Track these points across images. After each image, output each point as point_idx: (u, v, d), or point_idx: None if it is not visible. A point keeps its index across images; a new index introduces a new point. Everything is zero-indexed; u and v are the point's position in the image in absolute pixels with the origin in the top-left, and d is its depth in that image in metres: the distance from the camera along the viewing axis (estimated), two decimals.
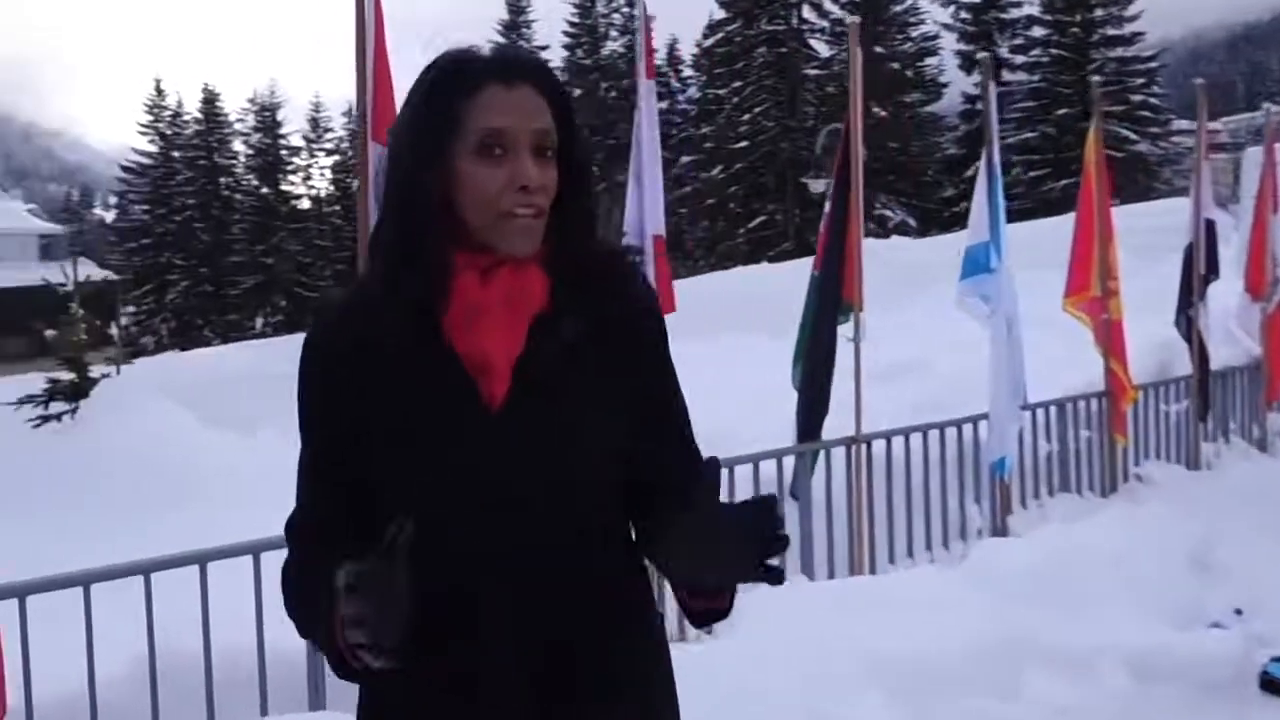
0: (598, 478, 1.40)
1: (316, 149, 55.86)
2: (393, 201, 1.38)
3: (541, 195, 1.35)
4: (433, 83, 1.37)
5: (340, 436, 1.39)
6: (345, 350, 1.38)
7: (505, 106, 1.34)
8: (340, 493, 1.40)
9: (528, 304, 1.37)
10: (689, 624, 1.46)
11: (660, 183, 4.18)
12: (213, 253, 50.69)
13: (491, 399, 1.35)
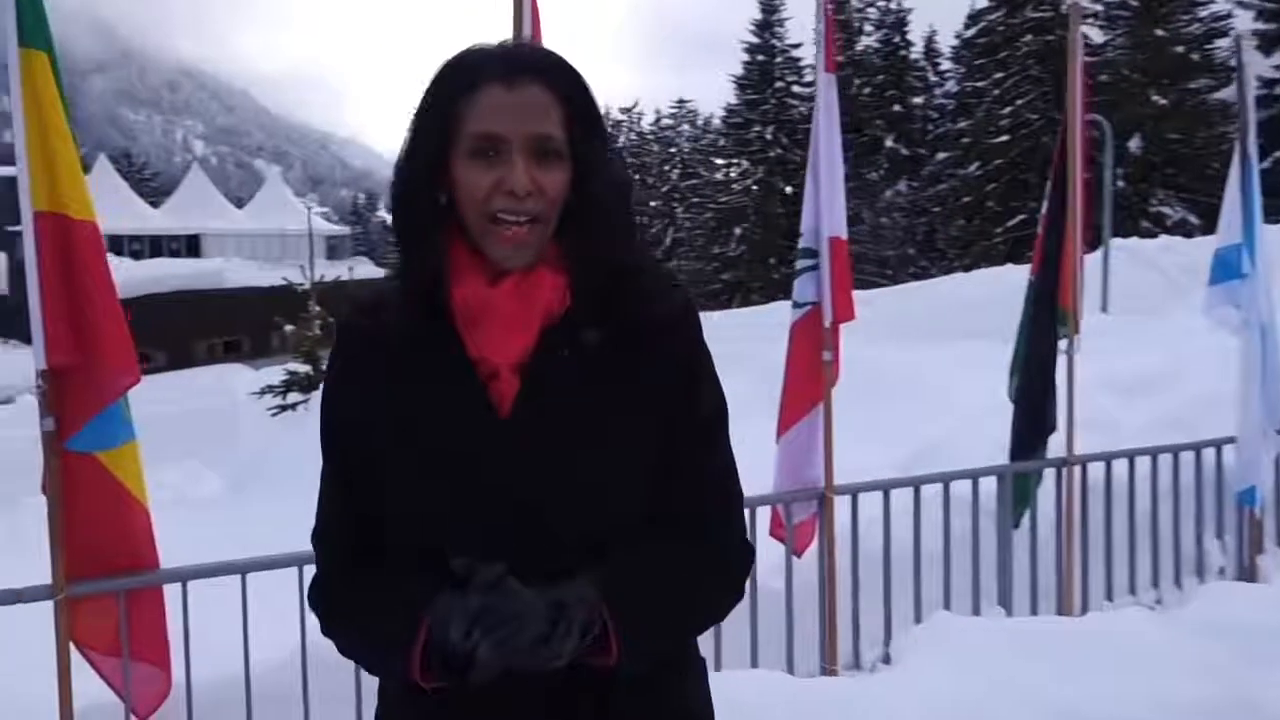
0: (609, 489, 1.32)
1: None
2: (398, 203, 1.36)
3: (534, 201, 1.29)
4: (435, 83, 1.34)
5: (353, 440, 1.36)
6: (358, 349, 1.38)
7: (500, 108, 1.29)
8: (355, 505, 1.37)
9: (538, 307, 1.31)
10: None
11: (840, 183, 3.94)
12: None
13: (500, 403, 1.31)
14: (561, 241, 1.33)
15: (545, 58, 1.35)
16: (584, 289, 1.32)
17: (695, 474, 1.39)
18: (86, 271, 2.67)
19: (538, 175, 1.29)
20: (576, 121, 1.32)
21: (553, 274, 1.32)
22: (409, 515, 1.32)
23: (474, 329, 1.32)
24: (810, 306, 3.92)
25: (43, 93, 2.63)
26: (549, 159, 1.30)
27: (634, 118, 57.72)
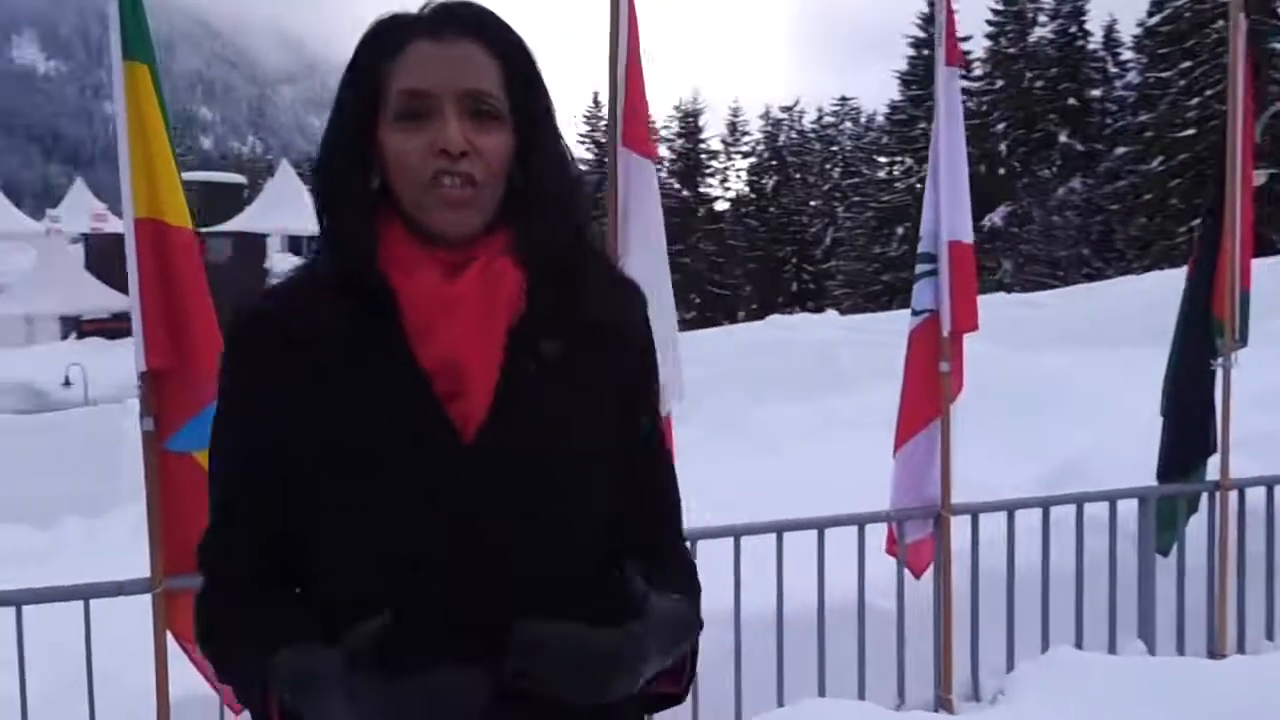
0: (577, 519, 1.20)
1: (734, 152, 57.79)
2: (321, 180, 1.22)
3: (471, 162, 1.14)
4: (360, 46, 1.21)
5: (263, 450, 1.18)
6: (275, 346, 1.18)
7: (428, 62, 1.16)
8: (256, 518, 1.21)
9: (505, 308, 1.16)
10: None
11: (963, 184, 3.70)
12: None
13: (464, 425, 1.15)
14: (512, 227, 1.18)
15: (479, 14, 1.20)
16: (542, 284, 1.18)
17: (663, 492, 1.32)
18: (183, 276, 2.75)
19: (474, 136, 1.15)
20: (517, 85, 1.18)
21: (513, 269, 1.17)
22: (356, 544, 1.15)
23: (432, 334, 1.14)
24: (928, 314, 3.71)
25: (144, 103, 2.72)
26: (486, 120, 1.16)
27: (795, 116, 57.01)
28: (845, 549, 3.75)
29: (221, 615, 1.22)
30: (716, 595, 3.60)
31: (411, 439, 1.14)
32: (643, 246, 3.22)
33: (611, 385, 1.23)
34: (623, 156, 3.19)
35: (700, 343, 12.74)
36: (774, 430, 8.50)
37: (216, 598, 1.23)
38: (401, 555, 1.14)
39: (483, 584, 1.15)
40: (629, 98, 3.18)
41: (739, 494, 6.11)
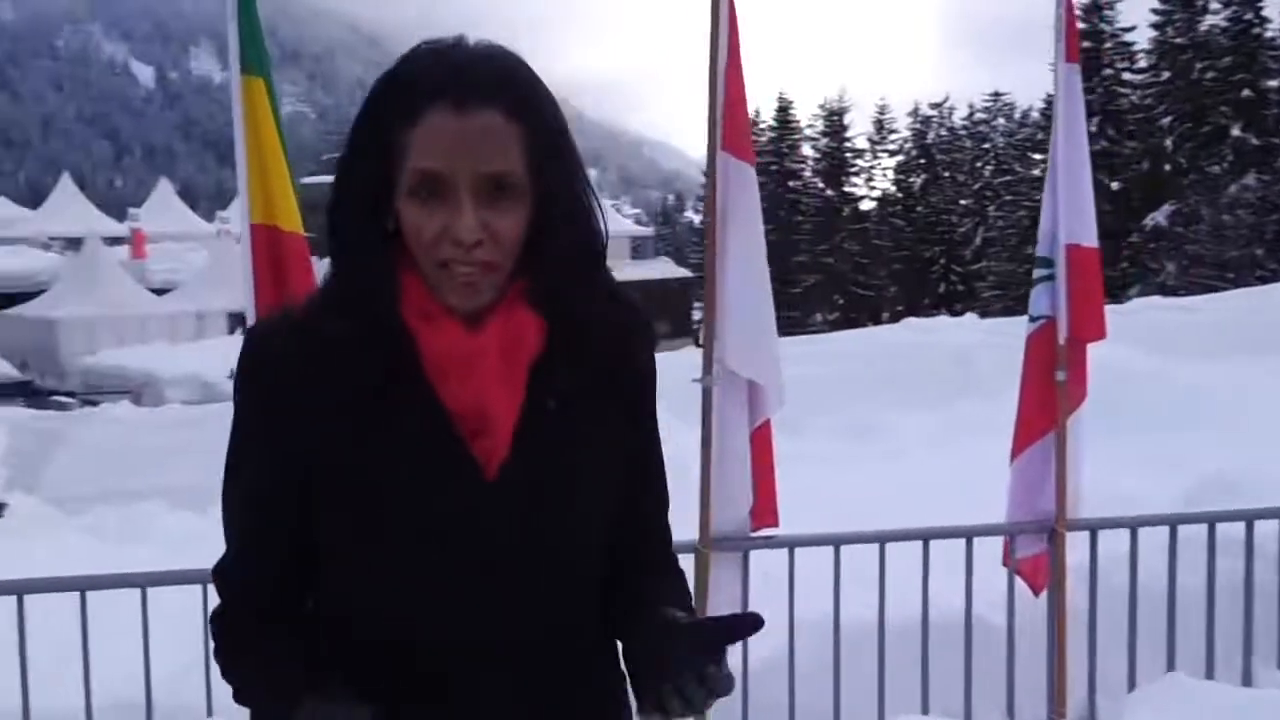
0: (590, 548, 1.25)
1: (880, 150, 56.70)
2: (335, 232, 1.20)
3: (485, 250, 1.13)
4: (372, 103, 1.17)
5: (281, 483, 1.21)
6: (291, 382, 1.19)
7: (446, 143, 1.11)
8: (276, 549, 1.24)
9: (524, 352, 1.19)
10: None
11: (1086, 185, 3.54)
12: (779, 252, 53.80)
13: (487, 463, 1.18)
14: (529, 279, 1.19)
15: (502, 73, 1.15)
16: (559, 329, 1.20)
17: (661, 507, 1.37)
18: (294, 279, 2.89)
19: (490, 218, 1.13)
20: (539, 148, 1.15)
21: (531, 318, 1.19)
22: (378, 579, 1.19)
23: (456, 379, 1.17)
24: (1044, 320, 3.57)
25: (260, 114, 2.87)
26: (504, 197, 1.13)
27: (944, 113, 55.53)
28: (954, 561, 3.65)
29: (238, 643, 1.26)
30: (815, 604, 3.55)
31: (437, 476, 1.18)
32: (741, 251, 3.20)
33: (618, 417, 1.28)
34: (721, 160, 3.18)
35: (831, 345, 12.55)
36: (903, 436, 8.31)
37: (233, 624, 1.27)
38: (425, 587, 1.18)
39: (500, 612, 1.20)
40: (728, 101, 3.17)
41: (860, 501, 6.01)
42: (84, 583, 2.95)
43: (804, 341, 13.66)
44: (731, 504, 3.28)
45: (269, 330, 1.24)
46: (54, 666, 3.00)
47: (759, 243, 3.25)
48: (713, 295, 3.22)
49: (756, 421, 3.29)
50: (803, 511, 5.05)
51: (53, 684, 3.02)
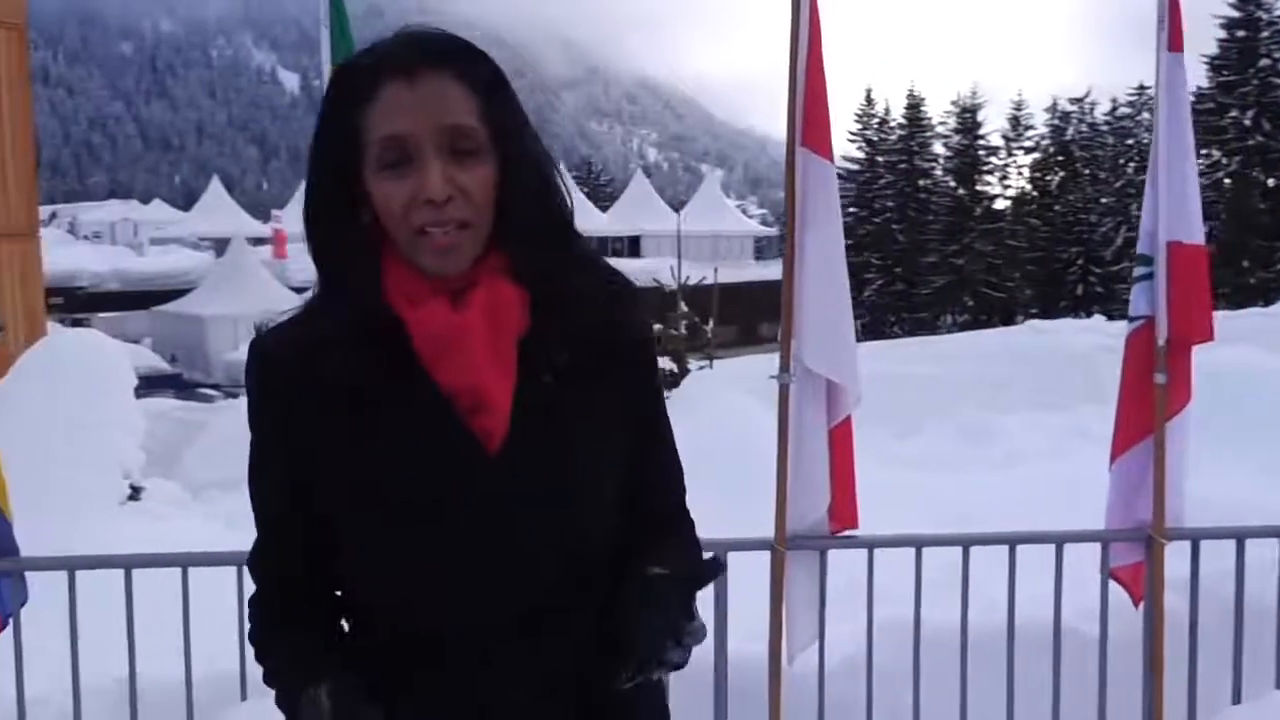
0: (599, 514, 1.28)
1: (1015, 148, 54.97)
2: (312, 228, 1.25)
3: (456, 206, 1.17)
4: (331, 90, 1.23)
5: (292, 479, 1.27)
6: (293, 389, 1.24)
7: (403, 105, 1.16)
8: (295, 539, 1.30)
9: (511, 326, 1.22)
10: None
11: (1190, 180, 3.38)
12: (907, 253, 52.65)
13: (488, 439, 1.22)
14: (506, 250, 1.22)
15: (448, 45, 1.21)
16: (542, 301, 1.23)
17: (671, 477, 1.40)
18: None
19: (457, 175, 1.17)
20: (491, 106, 1.19)
21: (513, 288, 1.22)
22: (393, 558, 1.23)
23: (447, 359, 1.20)
24: (1143, 321, 3.43)
25: None
26: (468, 156, 1.18)
27: (1085, 108, 53.43)
28: (1044, 567, 3.54)
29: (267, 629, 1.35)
30: (896, 607, 3.50)
31: (440, 456, 1.21)
32: (820, 248, 3.18)
33: (615, 387, 1.30)
34: (801, 157, 3.17)
35: (946, 346, 12.25)
36: (1018, 442, 8.07)
37: (263, 610, 1.36)
38: (437, 566, 1.22)
39: (513, 584, 1.23)
40: (809, 97, 3.15)
41: (968, 506, 5.88)
42: (185, 559, 3.13)
43: (918, 342, 13.37)
44: (808, 503, 3.26)
45: (271, 334, 1.28)
46: (158, 638, 3.19)
47: (838, 240, 3.23)
48: (790, 292, 3.21)
49: (835, 420, 3.27)
50: (905, 514, 4.98)
51: (157, 654, 3.22)
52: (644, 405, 1.35)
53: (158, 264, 40.41)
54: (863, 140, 56.34)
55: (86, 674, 3.16)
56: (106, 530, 5.13)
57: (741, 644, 3.44)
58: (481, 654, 1.24)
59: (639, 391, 1.34)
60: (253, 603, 1.38)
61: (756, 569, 3.31)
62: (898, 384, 10.59)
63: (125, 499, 6.91)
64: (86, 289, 36.80)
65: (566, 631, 1.26)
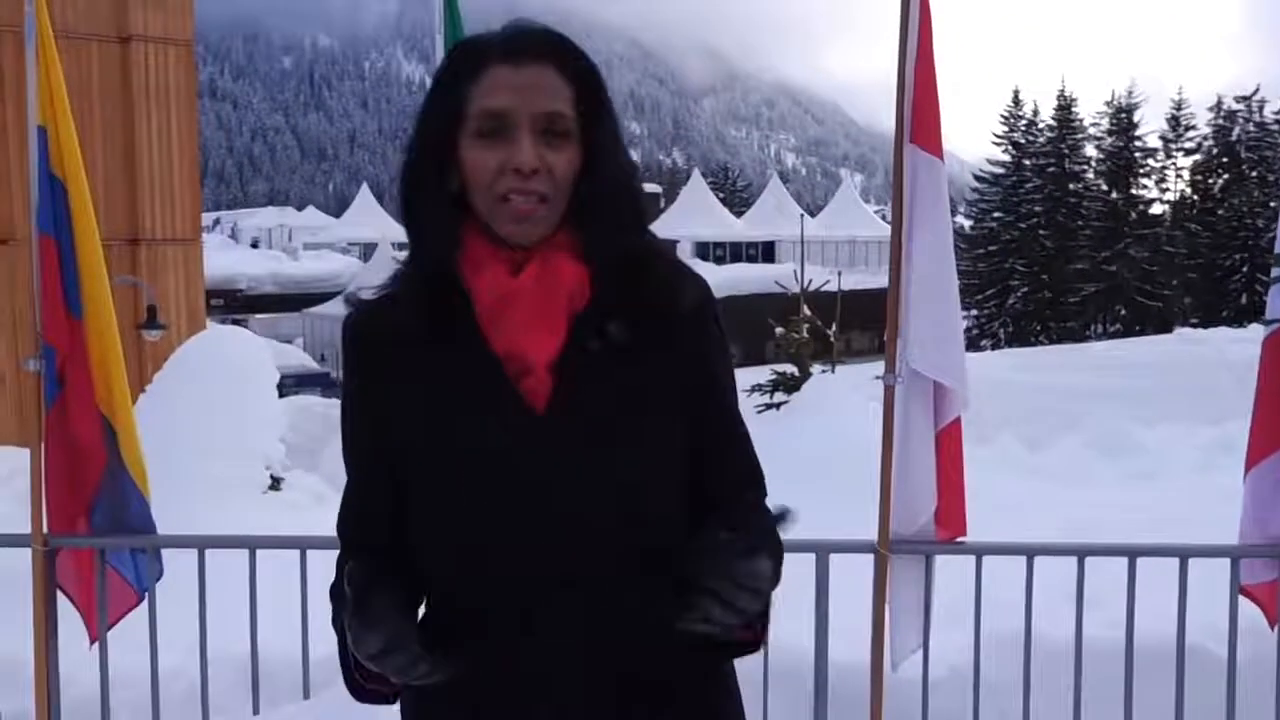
0: (649, 482, 1.31)
1: (1175, 149, 52.45)
2: (405, 192, 1.35)
3: (541, 181, 1.26)
4: (442, 70, 1.34)
5: (373, 440, 1.36)
6: (373, 347, 1.35)
7: (506, 87, 1.27)
8: (377, 496, 1.37)
9: (563, 297, 1.29)
10: None
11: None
12: (1055, 259, 50.83)
13: (534, 399, 1.29)
14: (577, 230, 1.29)
15: (553, 39, 1.31)
16: (605, 279, 1.29)
17: (738, 457, 1.42)
18: None
19: (546, 153, 1.26)
20: (586, 104, 1.29)
21: (572, 263, 1.29)
22: (444, 515, 1.30)
23: (499, 323, 1.29)
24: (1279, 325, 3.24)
25: None
26: (558, 139, 1.27)
27: (1253, 106, 50.55)
28: (1170, 583, 3.38)
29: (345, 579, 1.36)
30: (1008, 618, 3.40)
31: (490, 413, 1.29)
32: (928, 247, 3.12)
33: (676, 363, 1.33)
34: (910, 154, 3.11)
35: (1086, 355, 11.78)
36: (1158, 454, 7.72)
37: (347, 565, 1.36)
38: (489, 519, 1.28)
39: (563, 541, 1.27)
40: (918, 93, 3.10)
41: (1098, 520, 5.66)
42: (304, 542, 3.29)
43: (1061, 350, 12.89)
44: (914, 506, 3.20)
45: (360, 305, 1.38)
46: (281, 616, 3.36)
47: (947, 240, 3.16)
48: (897, 292, 3.16)
49: (942, 423, 3.19)
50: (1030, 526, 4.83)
51: (278, 631, 3.39)
52: (704, 383, 1.37)
53: (310, 268, 42.32)
54: (1008, 143, 54.63)
55: (213, 648, 3.35)
56: (247, 517, 5.41)
57: (844, 648, 3.40)
58: (522, 619, 1.28)
59: (697, 369, 1.36)
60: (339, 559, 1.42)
61: (860, 572, 3.27)
62: (1036, 393, 10.25)
63: (266, 489, 7.28)
64: (245, 291, 38.86)
65: (610, 599, 1.28)
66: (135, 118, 13.58)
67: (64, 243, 3.20)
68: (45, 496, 3.26)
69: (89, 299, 3.22)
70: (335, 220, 61.23)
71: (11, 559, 3.36)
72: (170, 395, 6.81)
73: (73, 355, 3.23)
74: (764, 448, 1.48)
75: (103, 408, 3.24)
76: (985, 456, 7.75)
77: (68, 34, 13.06)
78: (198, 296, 14.68)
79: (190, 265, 14.38)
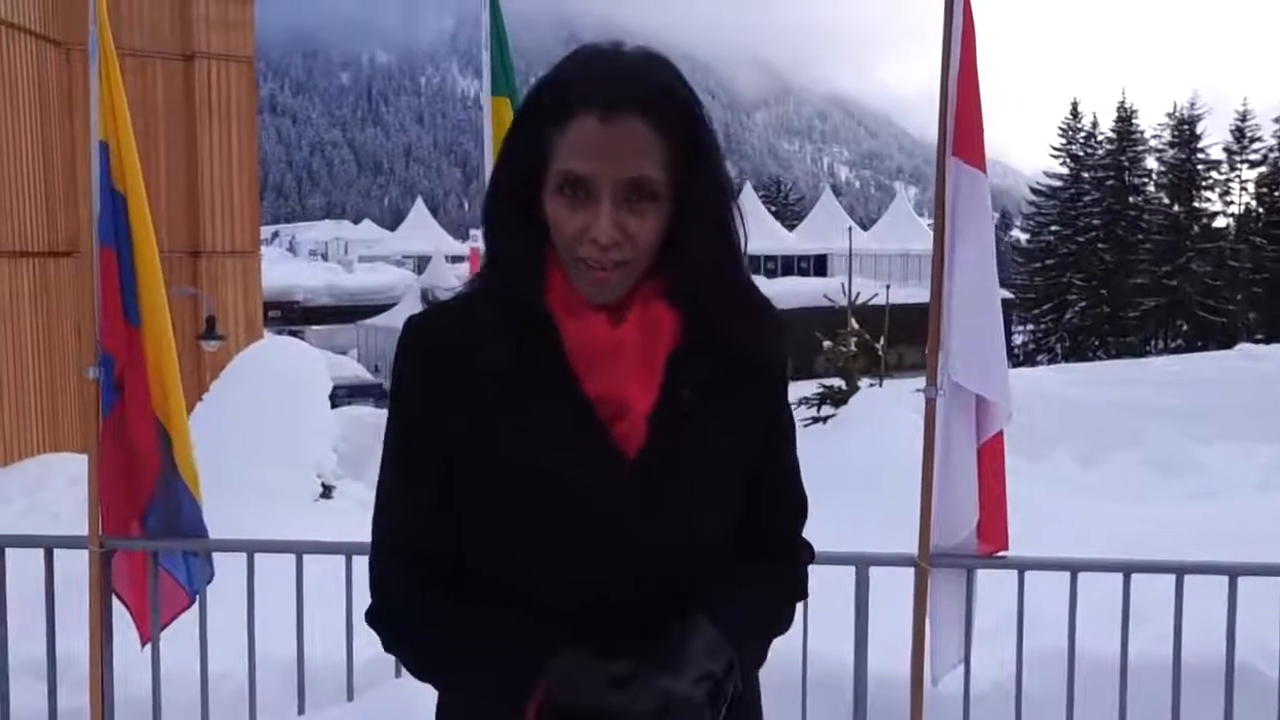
0: (723, 535, 1.33)
1: (1239, 161, 51.38)
2: (490, 224, 1.31)
3: (620, 250, 1.22)
4: (528, 103, 1.27)
5: (444, 452, 1.30)
6: (443, 357, 1.29)
7: (590, 147, 1.19)
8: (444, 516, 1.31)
9: (661, 344, 1.28)
10: None
11: None
12: (1113, 273, 49.96)
13: (626, 445, 1.27)
14: (670, 276, 1.27)
15: (647, 85, 1.22)
16: (697, 318, 1.28)
17: (788, 497, 1.43)
18: None
19: (628, 221, 1.21)
20: (680, 155, 1.22)
21: (669, 310, 1.27)
22: (525, 554, 1.27)
23: (595, 368, 1.26)
24: None
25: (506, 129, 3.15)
26: (642, 200, 1.21)
27: None
28: (1216, 601, 3.32)
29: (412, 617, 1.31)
30: (1052, 634, 3.36)
31: (581, 457, 1.26)
32: (971, 260, 3.11)
33: (750, 405, 1.35)
34: (952, 166, 3.11)
35: (1143, 371, 11.55)
36: (1216, 473, 7.55)
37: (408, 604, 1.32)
38: (563, 552, 1.26)
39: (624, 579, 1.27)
40: (961, 106, 3.09)
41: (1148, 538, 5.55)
42: (349, 548, 3.35)
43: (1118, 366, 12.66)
44: (955, 520, 3.18)
45: (430, 312, 1.34)
46: (325, 620, 3.42)
47: (989, 252, 3.14)
48: (939, 305, 3.15)
49: (984, 436, 3.17)
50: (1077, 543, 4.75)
51: (323, 635, 3.45)
52: (773, 415, 1.39)
53: (365, 280, 42.88)
54: (1066, 155, 53.88)
55: (261, 651, 3.42)
56: (297, 523, 5.51)
57: (884, 661, 3.38)
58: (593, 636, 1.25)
59: (770, 412, 1.38)
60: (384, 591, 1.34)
61: (902, 585, 3.26)
62: (1092, 409, 10.08)
63: (318, 496, 7.40)
64: (301, 303, 39.48)
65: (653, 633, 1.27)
66: (197, 133, 13.89)
67: (123, 254, 3.30)
68: (101, 500, 3.36)
69: (147, 308, 3.32)
70: (390, 233, 62.01)
71: (70, 560, 3.46)
72: (225, 403, 6.96)
73: (131, 363, 3.32)
74: (808, 461, 1.49)
75: (158, 414, 3.33)
76: (1037, 472, 7.65)
77: (134, 52, 13.42)
78: (255, 308, 14.94)
79: (249, 277, 14.64)
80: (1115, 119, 53.18)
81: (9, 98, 11.32)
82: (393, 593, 1.32)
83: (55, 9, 12.09)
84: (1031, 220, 57.95)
